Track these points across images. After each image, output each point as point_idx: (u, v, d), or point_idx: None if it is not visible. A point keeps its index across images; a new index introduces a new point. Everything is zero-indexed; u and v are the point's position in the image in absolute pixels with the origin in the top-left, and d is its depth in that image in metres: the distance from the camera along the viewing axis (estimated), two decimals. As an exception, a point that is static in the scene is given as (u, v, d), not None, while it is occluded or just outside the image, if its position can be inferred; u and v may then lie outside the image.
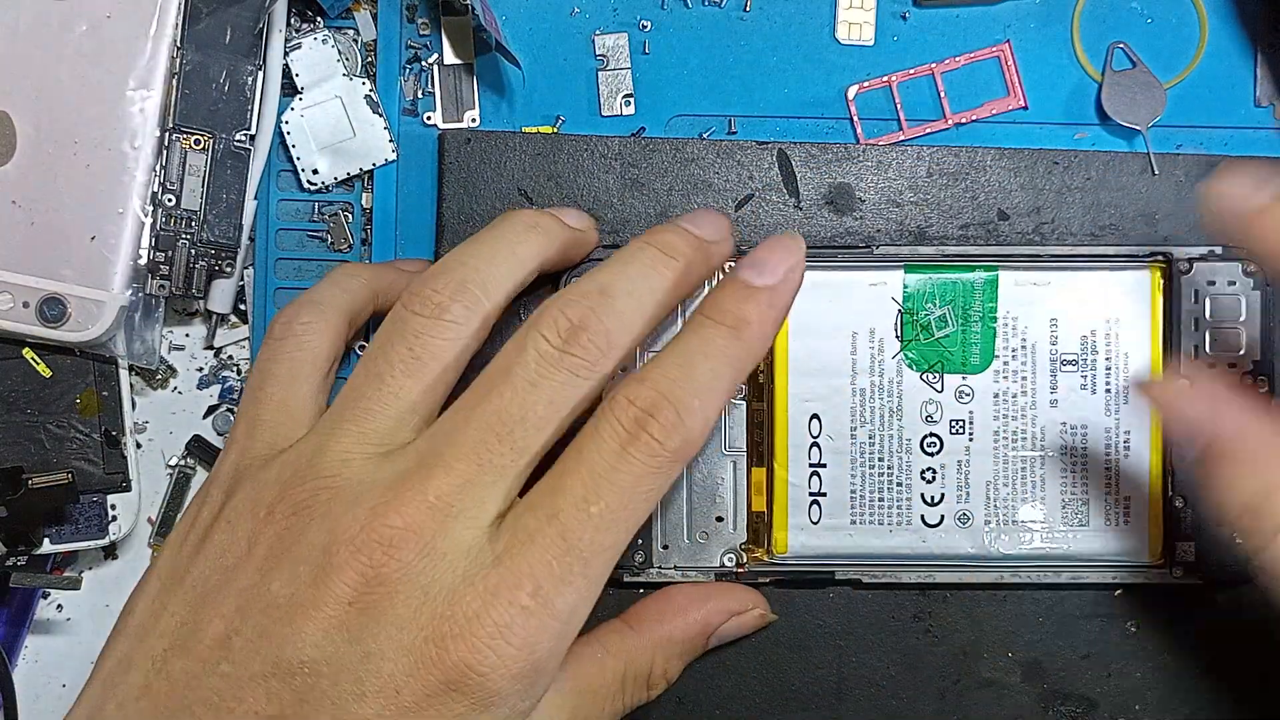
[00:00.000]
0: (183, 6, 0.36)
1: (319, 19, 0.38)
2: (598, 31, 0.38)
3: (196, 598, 0.27)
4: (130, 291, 0.36)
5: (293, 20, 0.38)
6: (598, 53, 0.38)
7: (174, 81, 0.36)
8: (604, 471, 0.27)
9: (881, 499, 0.35)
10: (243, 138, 0.37)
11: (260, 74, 0.37)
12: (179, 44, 0.36)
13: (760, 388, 0.36)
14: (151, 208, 0.36)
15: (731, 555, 0.35)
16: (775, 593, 0.36)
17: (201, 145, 0.36)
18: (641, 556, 0.35)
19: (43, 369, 0.37)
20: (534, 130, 0.38)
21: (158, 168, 0.36)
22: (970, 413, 0.35)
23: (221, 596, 0.27)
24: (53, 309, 0.35)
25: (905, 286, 0.35)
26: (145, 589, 0.29)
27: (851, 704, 0.37)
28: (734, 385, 0.30)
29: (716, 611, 0.34)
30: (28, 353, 0.37)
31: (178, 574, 0.28)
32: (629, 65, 0.38)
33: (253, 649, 0.26)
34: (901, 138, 0.38)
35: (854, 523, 0.35)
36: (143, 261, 0.36)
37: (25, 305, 0.35)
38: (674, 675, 0.33)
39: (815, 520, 0.35)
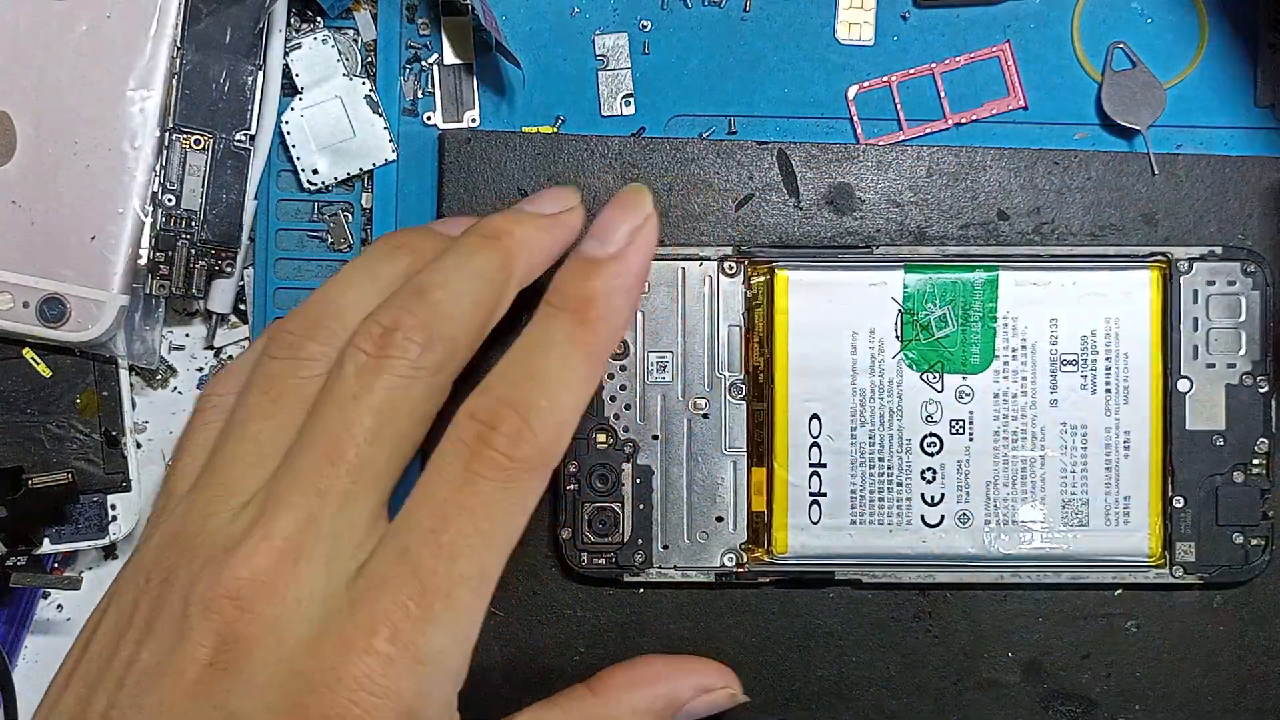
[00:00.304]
0: (183, 6, 0.36)
1: (319, 19, 0.38)
2: (598, 31, 0.38)
3: (91, 674, 0.27)
4: (130, 292, 0.36)
5: (293, 20, 0.38)
6: (598, 53, 0.38)
7: (174, 81, 0.36)
8: (449, 496, 0.26)
9: (881, 499, 0.35)
10: (243, 138, 0.37)
11: (260, 74, 0.37)
12: (179, 44, 0.36)
13: (760, 388, 0.36)
14: (151, 208, 0.36)
15: (731, 555, 0.35)
16: (775, 593, 0.36)
17: (201, 145, 0.36)
18: (641, 556, 0.35)
19: (43, 369, 0.37)
20: (534, 130, 0.38)
21: (158, 168, 0.36)
22: (970, 413, 0.35)
23: (107, 671, 0.26)
24: (53, 309, 0.35)
25: (905, 286, 0.35)
26: (64, 664, 0.28)
27: (851, 704, 0.37)
28: (592, 374, 0.28)
29: (686, 686, 0.32)
30: (28, 353, 0.37)
31: (81, 649, 0.28)
32: (629, 65, 0.38)
33: None
34: (901, 138, 0.38)
35: (854, 523, 0.35)
36: (143, 261, 0.36)
37: (25, 305, 0.35)
38: None
39: (815, 520, 0.35)
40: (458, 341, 0.28)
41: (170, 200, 0.36)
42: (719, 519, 0.36)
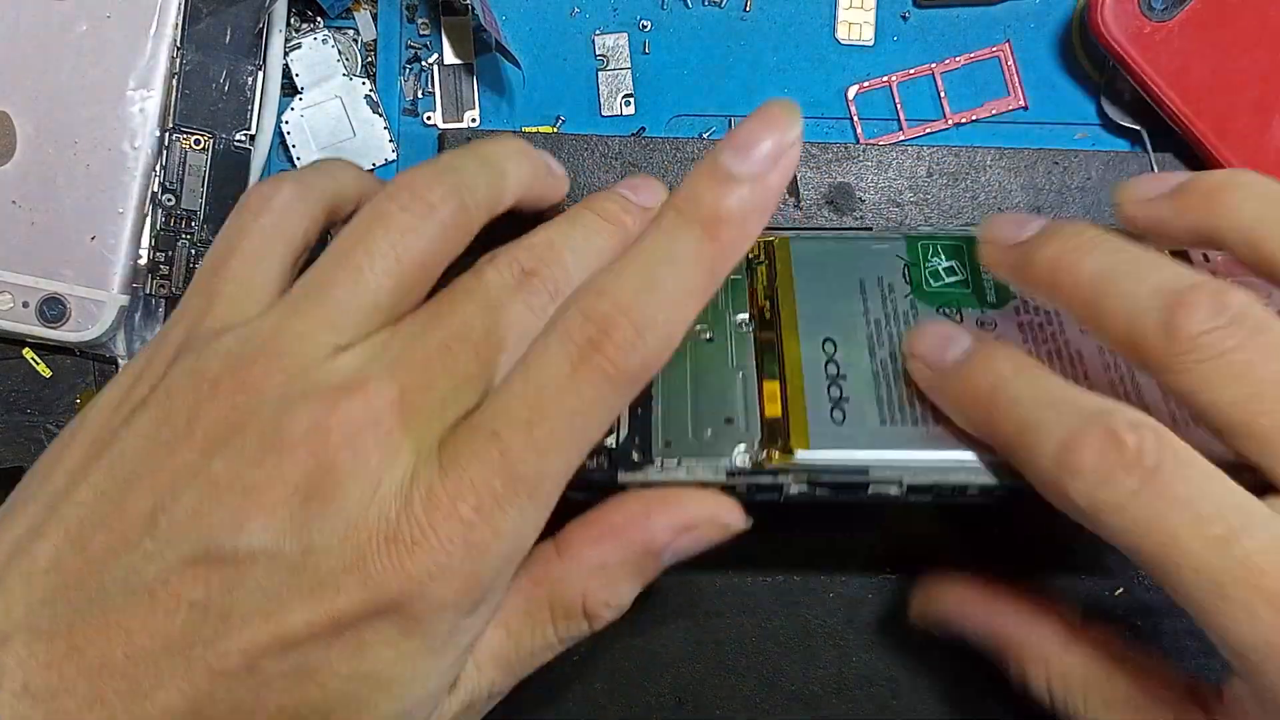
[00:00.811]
0: (183, 6, 0.36)
1: (319, 19, 0.38)
2: (598, 31, 0.38)
3: (124, 470, 0.25)
4: (130, 292, 0.36)
5: (293, 20, 0.38)
6: (598, 53, 0.38)
7: (174, 81, 0.36)
8: (551, 394, 0.25)
9: (909, 407, 0.31)
10: (243, 138, 0.37)
11: (260, 74, 0.37)
12: (179, 44, 0.36)
13: (768, 322, 0.32)
14: (151, 208, 0.36)
15: (746, 454, 0.30)
16: (775, 591, 0.36)
17: (201, 145, 0.36)
18: (639, 455, 0.30)
19: (43, 369, 0.37)
20: (534, 130, 0.38)
21: (158, 168, 0.36)
22: (995, 338, 0.31)
23: (152, 471, 0.25)
24: (53, 309, 0.35)
25: (909, 248, 0.33)
26: (65, 453, 0.26)
27: (852, 703, 0.37)
28: (708, 293, 0.27)
29: (660, 529, 0.28)
30: (28, 353, 0.37)
31: (102, 442, 0.26)
32: (629, 65, 0.38)
33: (183, 530, 0.24)
34: (901, 138, 0.38)
35: (883, 423, 0.30)
36: (143, 261, 0.36)
37: (25, 305, 0.35)
38: (622, 601, 0.29)
39: (839, 420, 0.30)
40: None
41: (170, 200, 0.36)
42: (728, 420, 0.30)
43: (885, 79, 0.38)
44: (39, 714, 0.23)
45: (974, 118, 0.38)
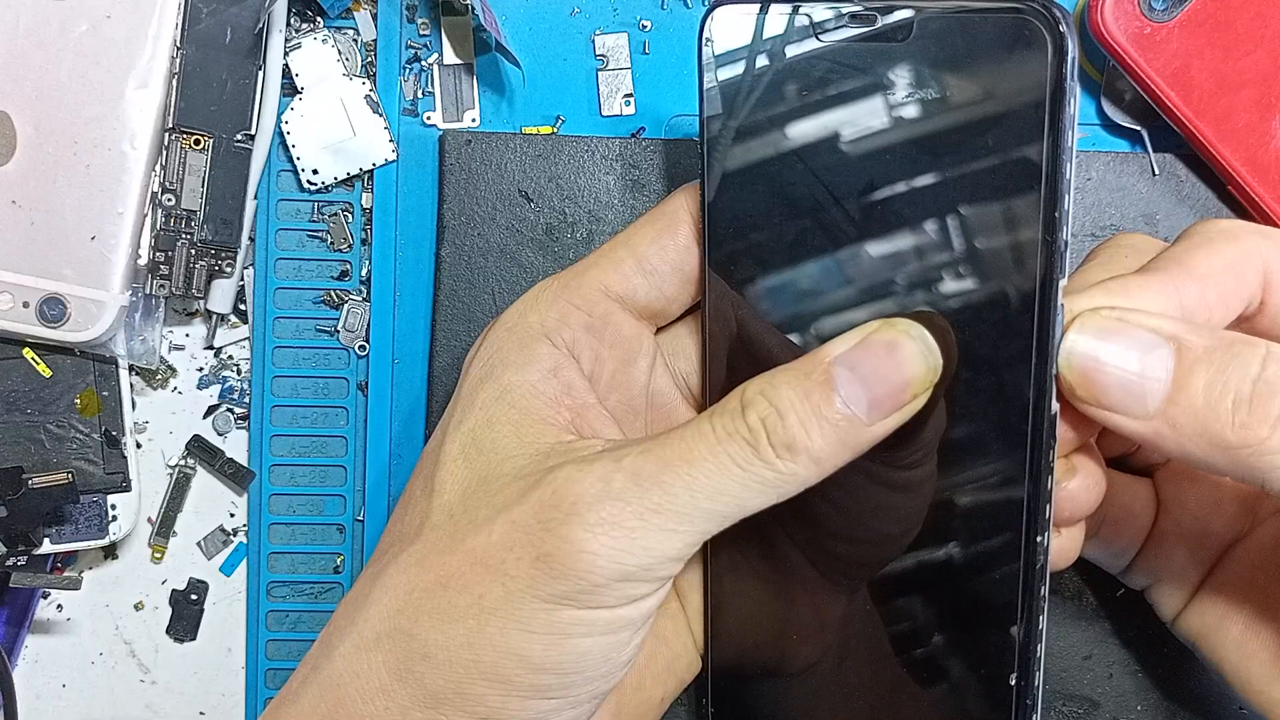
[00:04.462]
0: (183, 6, 0.36)
1: (319, 19, 0.38)
2: (598, 31, 0.38)
3: None
4: (130, 291, 0.36)
5: (293, 20, 0.38)
6: (598, 53, 0.38)
7: (174, 81, 0.36)
8: None
9: None
10: (243, 138, 0.37)
11: (260, 74, 0.37)
12: (179, 44, 0.36)
13: None
14: (151, 208, 0.36)
15: None
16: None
17: (201, 145, 0.36)
18: None
19: (43, 369, 0.37)
20: (534, 130, 0.38)
21: (157, 168, 0.36)
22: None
23: None
24: (53, 309, 0.35)
25: None
26: None
27: (852, 704, 0.37)
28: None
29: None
30: (28, 353, 0.37)
31: None
32: (629, 65, 0.38)
33: None
34: (902, 138, 0.38)
35: None
36: (143, 261, 0.36)
37: (25, 305, 0.35)
38: None
39: None
40: None
41: (170, 200, 0.36)
42: None
43: (885, 79, 0.38)
44: None
45: (974, 118, 0.38)
